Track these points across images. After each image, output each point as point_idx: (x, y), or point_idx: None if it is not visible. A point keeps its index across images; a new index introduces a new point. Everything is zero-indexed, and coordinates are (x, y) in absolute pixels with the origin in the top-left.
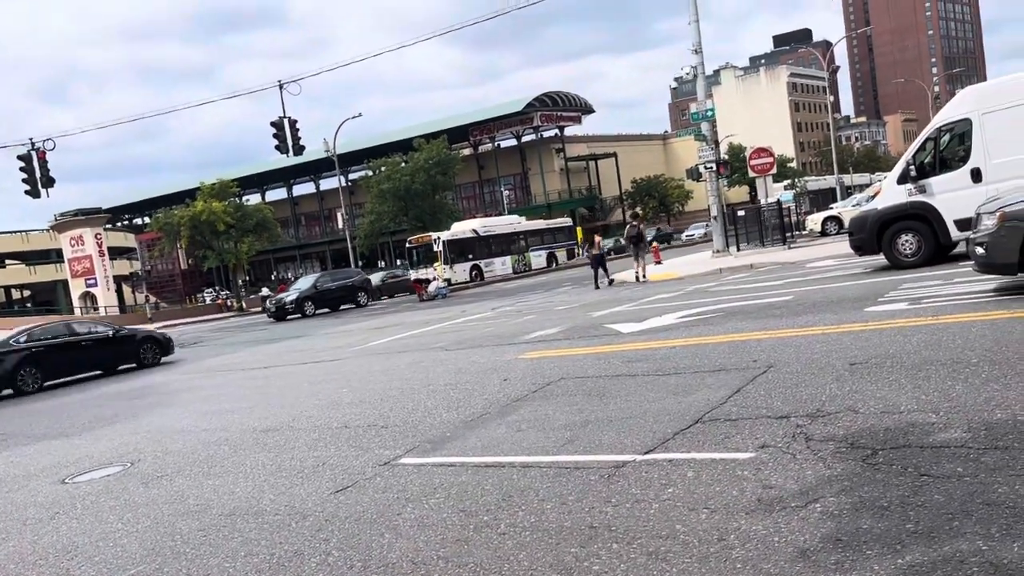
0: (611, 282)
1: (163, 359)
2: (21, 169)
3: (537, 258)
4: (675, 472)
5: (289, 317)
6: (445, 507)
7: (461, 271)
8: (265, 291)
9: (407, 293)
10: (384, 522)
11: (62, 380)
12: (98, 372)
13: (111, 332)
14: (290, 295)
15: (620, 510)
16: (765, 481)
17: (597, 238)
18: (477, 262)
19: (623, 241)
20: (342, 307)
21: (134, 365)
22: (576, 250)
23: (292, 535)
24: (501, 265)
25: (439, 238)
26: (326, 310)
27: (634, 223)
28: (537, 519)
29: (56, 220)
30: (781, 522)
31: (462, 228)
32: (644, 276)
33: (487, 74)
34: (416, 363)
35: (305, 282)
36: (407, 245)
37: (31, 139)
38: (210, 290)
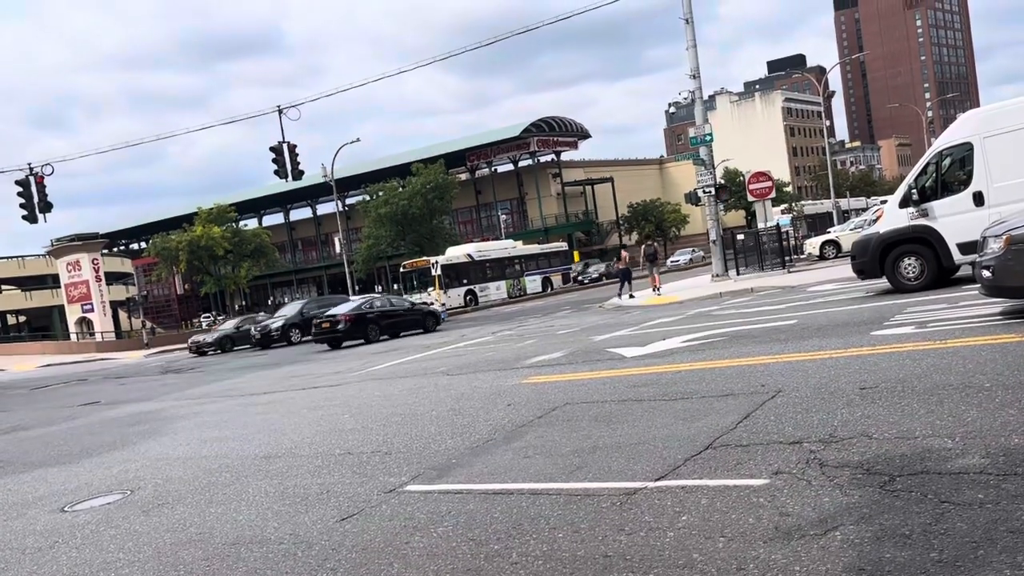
0: (631, 296)
1: (437, 328)
2: (19, 194)
3: (532, 283)
4: (688, 499)
5: (274, 345)
6: (454, 536)
7: (456, 296)
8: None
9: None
10: (392, 551)
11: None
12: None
13: (410, 304)
14: (275, 322)
15: (635, 538)
16: (782, 508)
17: (624, 254)
18: (472, 287)
19: (614, 267)
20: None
21: (421, 330)
22: (570, 274)
23: (298, 564)
24: (496, 290)
25: (436, 262)
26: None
27: (650, 243)
28: (549, 548)
29: (53, 245)
30: (801, 551)
31: (457, 253)
32: (659, 289)
33: (482, 100)
34: (418, 388)
35: (291, 308)
36: (402, 270)
37: (29, 164)
38: (207, 315)
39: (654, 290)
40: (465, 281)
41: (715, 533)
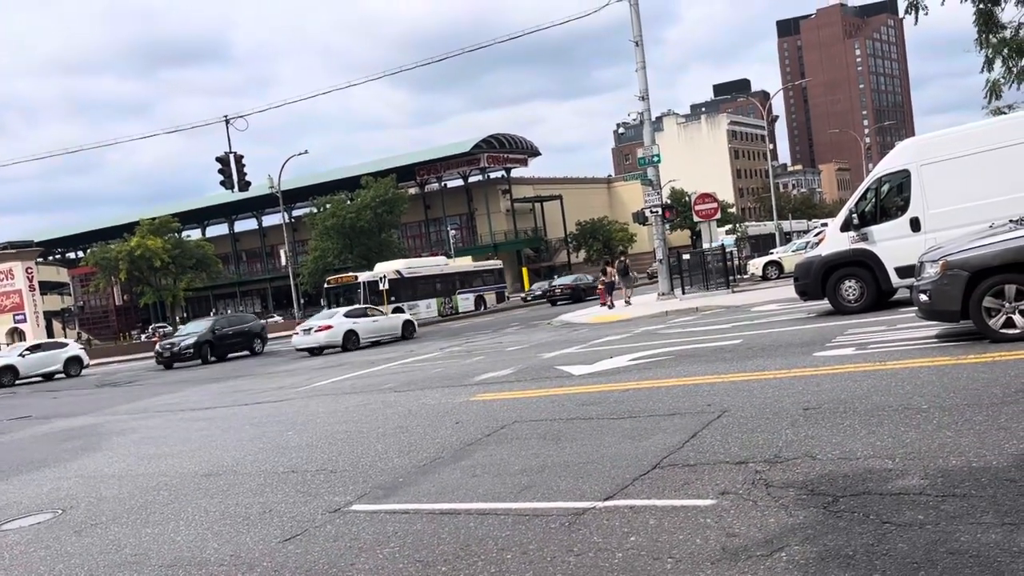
0: (612, 306)
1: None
2: None
3: (465, 301)
4: (637, 520)
5: (176, 365)
6: (400, 557)
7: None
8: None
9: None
10: (336, 573)
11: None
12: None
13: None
14: (187, 339)
15: (583, 559)
16: (728, 529)
17: (610, 268)
18: (400, 304)
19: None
20: (229, 356)
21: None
22: (506, 293)
23: None
24: (426, 308)
25: (377, 278)
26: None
27: (623, 259)
28: (497, 570)
29: None
30: (747, 572)
31: (385, 269)
32: (629, 301)
33: (431, 116)
34: (364, 405)
35: (199, 325)
36: (325, 286)
37: None
38: (160, 325)
39: (605, 305)
40: (394, 299)
41: (663, 554)
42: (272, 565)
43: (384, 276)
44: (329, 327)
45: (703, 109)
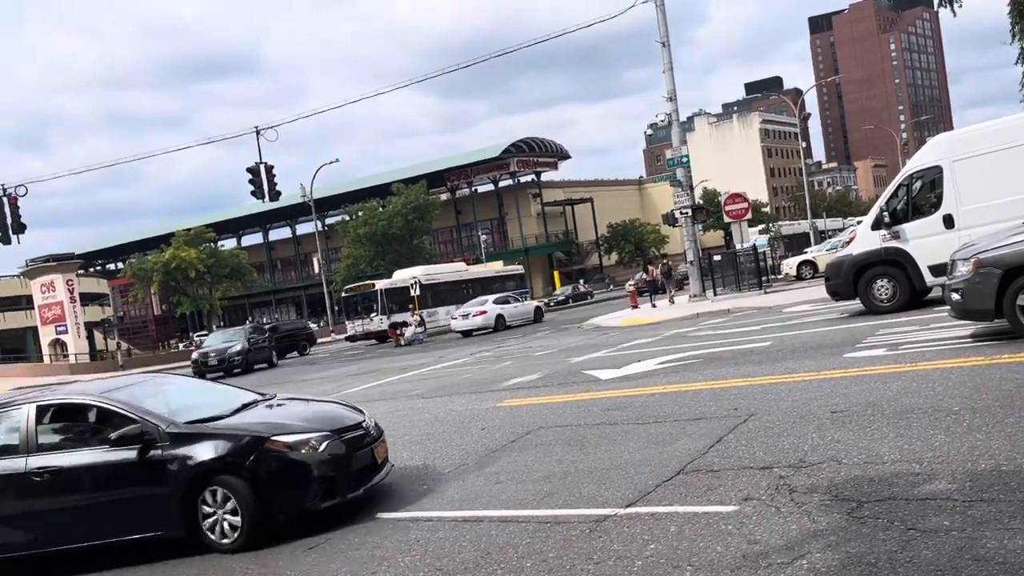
0: (654, 305)
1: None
2: None
3: None
4: (658, 527)
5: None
6: (421, 565)
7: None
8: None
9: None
10: None
11: None
12: None
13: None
14: (233, 345)
15: (603, 568)
16: (750, 536)
17: (651, 268)
18: (419, 312)
19: (582, 287)
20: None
21: None
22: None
23: None
24: (445, 315)
25: (405, 286)
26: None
27: (666, 261)
28: None
29: (27, 266)
30: None
31: (403, 276)
32: (673, 300)
33: (460, 121)
34: (393, 411)
35: (224, 336)
36: (343, 294)
37: (2, 185)
38: (201, 333)
39: (671, 301)
40: (411, 306)
41: (683, 562)
42: (296, 574)
43: (417, 281)
44: (484, 312)
45: (735, 108)
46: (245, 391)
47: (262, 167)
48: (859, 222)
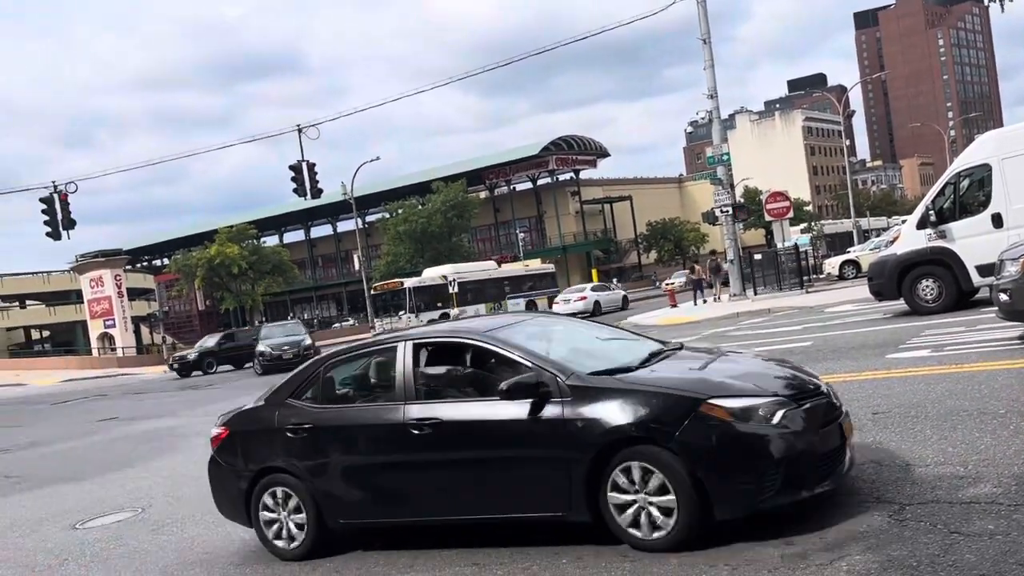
0: (705, 301)
1: None
2: (43, 211)
3: (515, 307)
4: None
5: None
6: None
7: (427, 321)
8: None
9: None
10: None
11: None
12: None
13: None
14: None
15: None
16: (787, 537)
17: (697, 267)
18: (447, 311)
19: (613, 287)
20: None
21: None
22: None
23: None
24: (474, 314)
25: (434, 285)
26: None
27: (714, 257)
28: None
29: (77, 261)
30: None
31: (432, 275)
32: (719, 298)
33: (499, 119)
34: None
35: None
36: (372, 292)
37: (53, 182)
38: (243, 329)
39: (716, 299)
40: (440, 305)
41: (719, 561)
42: (334, 566)
43: (454, 279)
44: (584, 298)
45: (777, 105)
46: (645, 337)
47: (304, 165)
48: (904, 221)
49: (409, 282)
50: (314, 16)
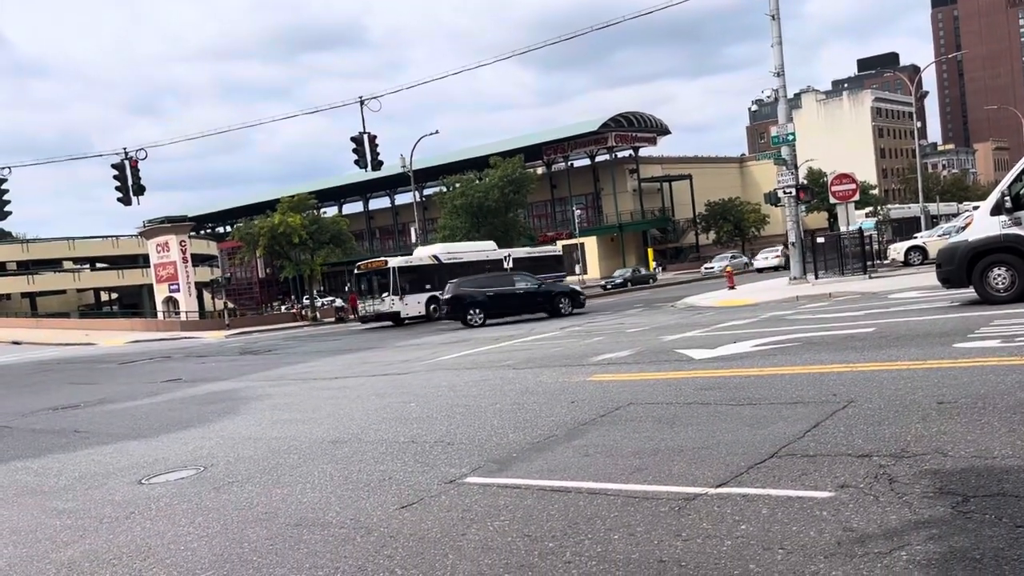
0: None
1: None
2: (115, 177)
3: None
4: (749, 508)
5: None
6: (510, 530)
7: (414, 303)
8: (338, 301)
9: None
10: (448, 542)
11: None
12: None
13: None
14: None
15: (691, 545)
16: (845, 523)
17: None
18: (435, 293)
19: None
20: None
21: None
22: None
23: (356, 550)
24: None
25: (420, 265)
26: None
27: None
28: (603, 549)
29: (144, 227)
30: (863, 568)
31: (421, 254)
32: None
33: (558, 95)
34: (483, 380)
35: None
36: (355, 271)
37: (124, 149)
38: (330, 296)
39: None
40: (428, 287)
41: (774, 544)
42: (388, 530)
43: (448, 260)
44: (779, 256)
45: (845, 85)
46: None
47: (365, 137)
48: (976, 207)
49: (394, 261)
50: None
